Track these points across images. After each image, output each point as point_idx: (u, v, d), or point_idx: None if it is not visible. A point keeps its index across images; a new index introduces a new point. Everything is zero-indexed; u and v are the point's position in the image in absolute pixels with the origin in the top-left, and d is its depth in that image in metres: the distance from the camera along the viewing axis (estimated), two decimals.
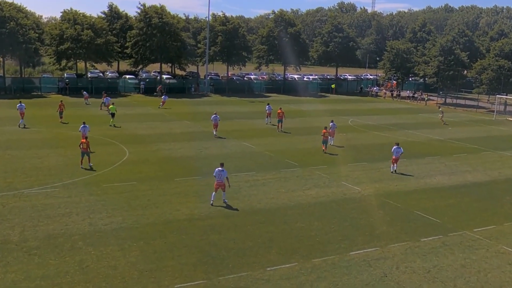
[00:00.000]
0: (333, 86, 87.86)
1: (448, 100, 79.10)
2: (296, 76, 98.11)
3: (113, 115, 44.34)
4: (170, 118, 49.54)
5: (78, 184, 25.60)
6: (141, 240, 19.03)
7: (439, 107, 65.04)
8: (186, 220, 21.40)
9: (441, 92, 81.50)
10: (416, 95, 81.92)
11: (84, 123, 34.12)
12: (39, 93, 65.22)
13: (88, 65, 74.67)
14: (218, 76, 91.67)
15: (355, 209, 23.92)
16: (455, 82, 76.85)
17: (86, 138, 29.57)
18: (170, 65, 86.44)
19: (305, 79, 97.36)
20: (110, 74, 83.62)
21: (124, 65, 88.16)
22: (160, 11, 73.22)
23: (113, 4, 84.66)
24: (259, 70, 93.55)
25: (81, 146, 28.74)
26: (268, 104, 50.51)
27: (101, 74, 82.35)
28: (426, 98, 77.62)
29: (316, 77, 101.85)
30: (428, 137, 45.19)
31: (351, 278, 16.80)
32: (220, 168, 23.50)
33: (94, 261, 17.10)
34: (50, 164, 29.53)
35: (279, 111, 44.58)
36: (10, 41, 60.85)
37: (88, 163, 28.90)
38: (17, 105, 42.52)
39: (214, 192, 23.57)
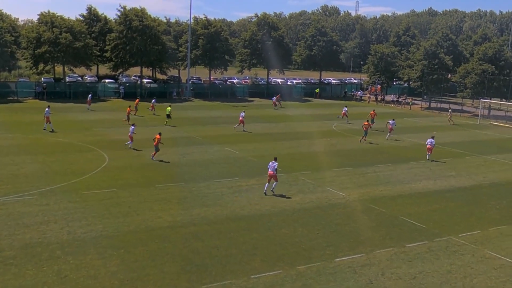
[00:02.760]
0: (317, 90, 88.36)
1: (433, 104, 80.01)
2: (279, 80, 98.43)
3: (168, 116, 49.18)
4: (151, 124, 49.29)
5: (56, 192, 25.31)
6: (122, 248, 18.87)
7: (449, 108, 66.29)
8: (168, 227, 21.29)
9: (425, 96, 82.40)
10: (400, 99, 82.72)
11: (133, 124, 37.52)
12: (16, 98, 64.37)
13: (66, 69, 73.98)
14: (200, 80, 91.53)
15: (340, 215, 24.03)
16: (439, 86, 77.79)
17: (160, 134, 34.02)
18: (151, 69, 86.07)
19: (288, 83, 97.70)
20: (89, 78, 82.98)
21: (104, 69, 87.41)
22: (140, 14, 72.87)
23: (92, 6, 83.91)
24: (242, 74, 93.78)
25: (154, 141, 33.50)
26: (345, 106, 59.14)
27: (79, 78, 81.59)
28: (410, 103, 78.50)
29: (300, 81, 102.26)
30: (413, 142, 45.60)
31: (337, 286, 16.86)
32: (273, 161, 26.92)
33: (73, 270, 16.90)
34: (27, 171, 29.16)
35: (372, 112, 53.04)
36: None
37: (152, 156, 33.24)
38: (45, 110, 42.97)
39: (267, 183, 26.87)
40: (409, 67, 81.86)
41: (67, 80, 75.35)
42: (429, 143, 37.56)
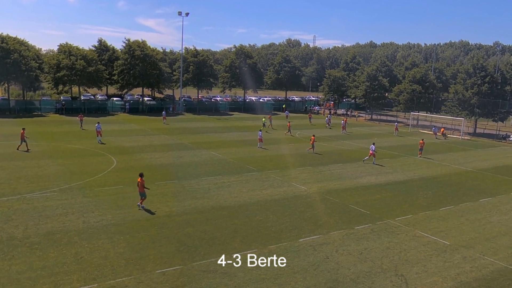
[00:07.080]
0: (283, 106, 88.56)
1: (374, 117, 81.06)
2: (253, 98, 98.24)
3: (264, 125, 54.62)
4: (151, 133, 48.76)
5: (73, 189, 24.85)
6: (128, 234, 18.61)
7: (349, 112, 66.74)
8: (165, 216, 21.08)
9: (368, 110, 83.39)
10: (348, 113, 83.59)
11: (260, 130, 43.76)
12: (39, 113, 63.02)
13: (81, 89, 72.72)
14: (190, 98, 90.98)
15: (302, 204, 24.13)
16: (379, 102, 78.85)
17: (314, 135, 40.90)
18: (151, 89, 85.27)
19: (261, 100, 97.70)
20: (100, 97, 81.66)
21: (112, 89, 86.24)
22: (141, 45, 72.24)
23: (102, 39, 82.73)
24: (224, 93, 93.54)
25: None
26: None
27: (92, 97, 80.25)
28: (356, 115, 79.40)
29: (270, 98, 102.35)
30: (359, 146, 46.09)
31: (300, 260, 16.91)
32: (372, 145, 36.01)
33: (87, 252, 16.60)
34: (49, 172, 28.55)
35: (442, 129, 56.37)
36: (14, 70, 58.75)
37: (308, 149, 40.02)
38: (96, 125, 41.47)
39: (367, 157, 35.87)
40: (355, 87, 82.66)
41: (82, 98, 74.00)
42: (433, 129, 45.57)
